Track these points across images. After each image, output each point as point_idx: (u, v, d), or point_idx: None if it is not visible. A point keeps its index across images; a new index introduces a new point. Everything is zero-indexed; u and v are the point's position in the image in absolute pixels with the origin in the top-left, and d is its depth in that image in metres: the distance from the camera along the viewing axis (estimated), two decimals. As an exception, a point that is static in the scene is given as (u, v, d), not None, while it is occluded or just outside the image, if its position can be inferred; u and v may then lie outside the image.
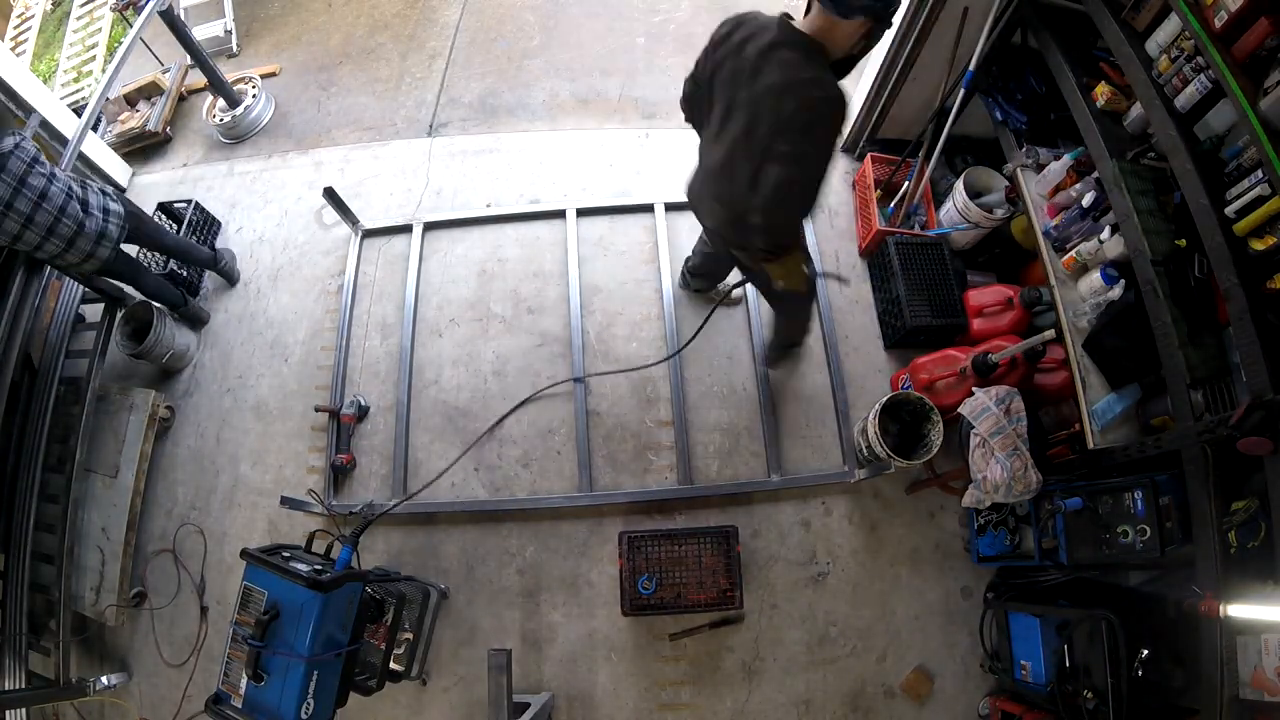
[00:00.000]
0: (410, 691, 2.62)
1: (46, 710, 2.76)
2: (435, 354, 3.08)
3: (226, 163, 3.76)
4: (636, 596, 2.46)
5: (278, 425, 3.04)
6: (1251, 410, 1.61)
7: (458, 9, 4.22)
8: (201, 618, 2.80)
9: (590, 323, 3.06)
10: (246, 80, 3.95)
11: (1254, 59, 1.75)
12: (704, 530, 2.54)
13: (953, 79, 2.74)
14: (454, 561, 2.77)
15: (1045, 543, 2.42)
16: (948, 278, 2.85)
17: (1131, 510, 2.12)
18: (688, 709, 2.60)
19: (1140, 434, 2.22)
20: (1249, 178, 1.78)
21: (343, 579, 1.78)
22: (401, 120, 3.80)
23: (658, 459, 2.85)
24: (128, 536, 2.79)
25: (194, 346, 3.22)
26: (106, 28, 4.72)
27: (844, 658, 2.64)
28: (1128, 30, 2.09)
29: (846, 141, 3.45)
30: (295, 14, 4.46)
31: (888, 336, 3.01)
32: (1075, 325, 2.35)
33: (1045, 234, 2.49)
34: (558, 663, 2.65)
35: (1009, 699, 2.51)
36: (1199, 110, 1.96)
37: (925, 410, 2.47)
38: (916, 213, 3.05)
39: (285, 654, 1.68)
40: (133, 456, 2.87)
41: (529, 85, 3.86)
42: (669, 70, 3.85)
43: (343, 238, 3.35)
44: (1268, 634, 1.69)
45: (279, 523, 2.87)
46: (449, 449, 2.91)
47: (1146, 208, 2.05)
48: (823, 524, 2.76)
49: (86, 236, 2.52)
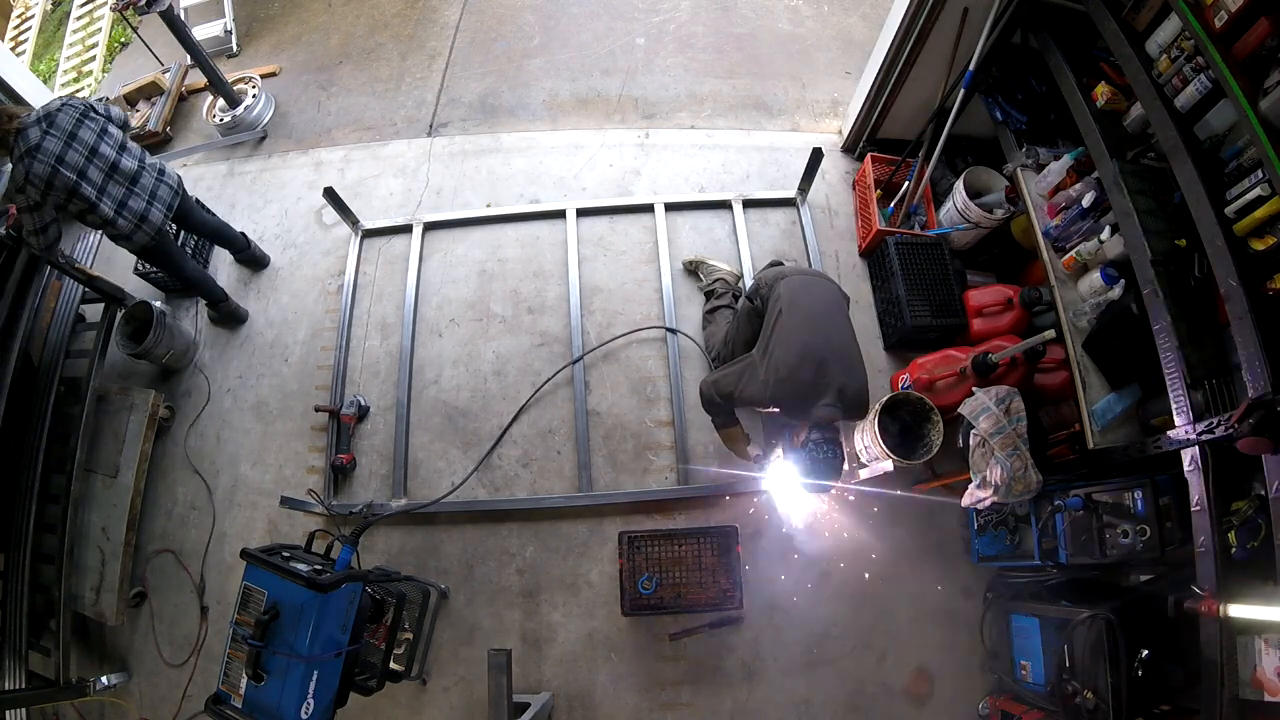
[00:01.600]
0: (410, 691, 2.62)
1: (46, 710, 2.76)
2: (435, 354, 3.08)
3: (226, 163, 3.76)
4: (636, 596, 2.45)
5: (278, 425, 3.04)
6: (1251, 410, 1.61)
7: (458, 9, 4.22)
8: (201, 618, 2.80)
9: (590, 323, 3.06)
10: (246, 80, 3.95)
11: (1254, 59, 1.75)
12: (704, 530, 2.54)
13: (953, 79, 2.74)
14: (454, 561, 2.77)
15: (1045, 543, 2.41)
16: (948, 278, 2.85)
17: (1131, 510, 2.12)
18: (688, 709, 2.60)
19: (1140, 434, 2.22)
20: (1249, 178, 1.78)
21: (343, 579, 1.78)
22: (401, 120, 3.80)
23: (658, 459, 2.85)
24: (128, 536, 2.79)
25: (194, 346, 3.22)
26: (106, 28, 4.72)
27: (844, 658, 2.64)
28: (1128, 30, 2.10)
29: (846, 141, 3.45)
30: (295, 14, 4.46)
31: (888, 336, 3.01)
32: (1075, 325, 2.35)
33: (1045, 234, 2.49)
34: (558, 663, 2.65)
35: (1009, 699, 2.51)
36: (1199, 110, 1.96)
37: (925, 410, 2.47)
38: (916, 213, 3.05)
39: (285, 654, 1.67)
40: (133, 456, 2.87)
41: (529, 85, 3.87)
42: (669, 70, 3.85)
43: (343, 238, 3.35)
44: (1268, 634, 1.69)
45: (279, 523, 2.87)
46: (449, 449, 2.91)
47: (1146, 208, 2.05)
48: (823, 524, 2.76)
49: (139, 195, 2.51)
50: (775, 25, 4.11)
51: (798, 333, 2.15)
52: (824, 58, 3.99)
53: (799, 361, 2.09)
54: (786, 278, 2.32)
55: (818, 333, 2.15)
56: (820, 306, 2.23)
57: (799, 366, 2.08)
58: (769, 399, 2.18)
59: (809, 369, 2.07)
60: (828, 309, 2.23)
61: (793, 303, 2.21)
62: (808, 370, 2.07)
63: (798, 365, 2.09)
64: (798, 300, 2.21)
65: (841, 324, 2.22)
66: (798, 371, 2.08)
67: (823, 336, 2.14)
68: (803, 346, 2.11)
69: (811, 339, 2.13)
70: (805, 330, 2.15)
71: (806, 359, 2.09)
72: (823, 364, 2.08)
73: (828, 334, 2.15)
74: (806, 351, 2.10)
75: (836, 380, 2.07)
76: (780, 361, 2.13)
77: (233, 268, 3.40)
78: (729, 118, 3.70)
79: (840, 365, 2.10)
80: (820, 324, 2.17)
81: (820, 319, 2.19)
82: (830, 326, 2.18)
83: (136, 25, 4.42)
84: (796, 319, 2.18)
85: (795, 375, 2.08)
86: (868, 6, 4.23)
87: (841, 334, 2.19)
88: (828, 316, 2.21)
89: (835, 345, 2.13)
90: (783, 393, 2.11)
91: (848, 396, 2.09)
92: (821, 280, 2.35)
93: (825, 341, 2.13)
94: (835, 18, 4.21)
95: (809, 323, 2.17)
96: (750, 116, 3.71)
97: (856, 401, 2.12)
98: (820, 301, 2.24)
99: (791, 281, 2.29)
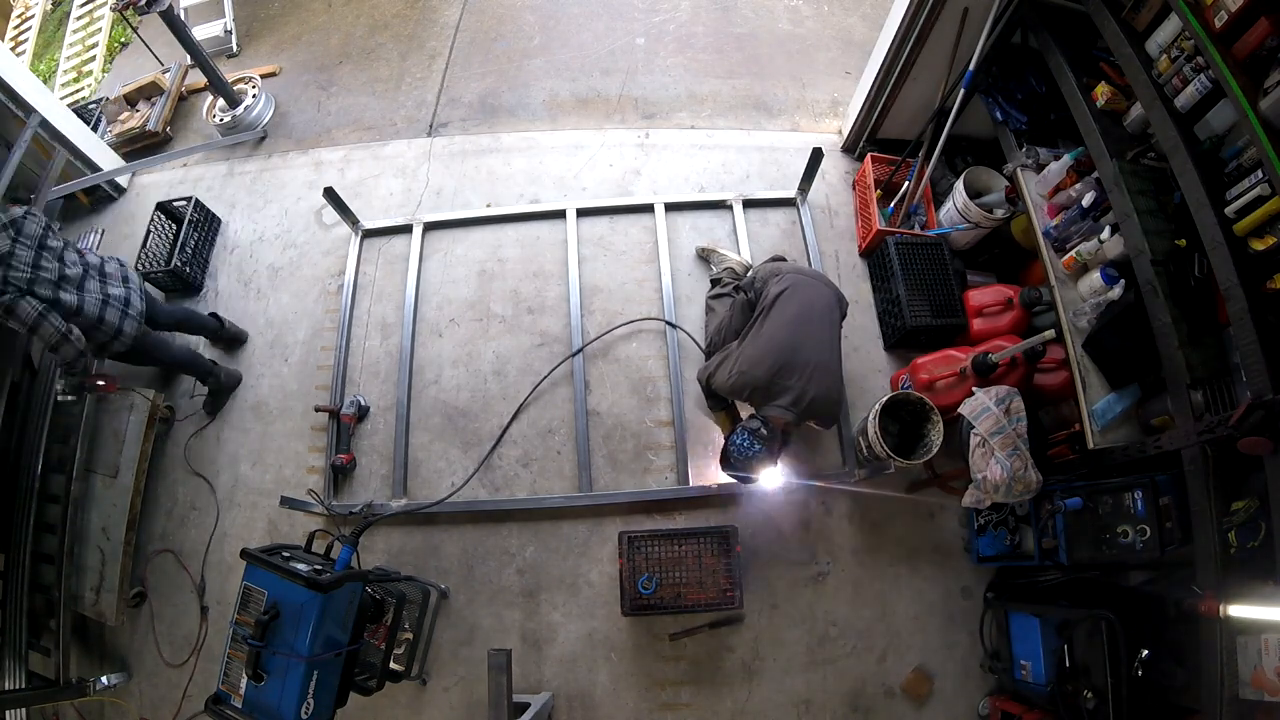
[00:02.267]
0: (410, 691, 2.62)
1: (46, 710, 2.76)
2: (435, 354, 3.08)
3: (226, 163, 3.76)
4: (636, 596, 2.45)
5: (278, 425, 3.04)
6: (1251, 410, 1.62)
7: (458, 9, 4.22)
8: (202, 618, 2.80)
9: (590, 322, 3.06)
10: (246, 80, 3.95)
11: (1254, 59, 1.75)
12: (704, 530, 2.54)
13: (953, 79, 2.74)
14: (454, 561, 2.77)
15: (1045, 543, 2.42)
16: (948, 278, 2.85)
17: (1131, 510, 2.12)
18: (688, 709, 2.60)
19: (1140, 434, 2.22)
20: (1249, 178, 1.78)
21: (343, 579, 1.78)
22: (401, 120, 3.80)
23: (658, 459, 2.85)
24: (128, 536, 2.78)
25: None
26: (106, 28, 4.72)
27: (844, 658, 2.64)
28: (1128, 30, 2.10)
29: (847, 141, 3.45)
30: (295, 14, 4.46)
31: (888, 336, 3.01)
32: (1075, 325, 2.35)
33: (1045, 234, 2.49)
34: (558, 663, 2.65)
35: (1009, 699, 2.51)
36: (1199, 110, 1.96)
37: (925, 410, 2.46)
38: (916, 213, 3.05)
39: (285, 654, 1.68)
40: (133, 456, 2.86)
41: (529, 85, 3.87)
42: (669, 70, 3.85)
43: (343, 238, 3.35)
44: (1268, 634, 1.70)
45: (279, 523, 2.87)
46: (449, 449, 2.91)
47: (1146, 208, 2.05)
48: (823, 524, 2.76)
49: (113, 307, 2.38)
50: (775, 25, 4.11)
51: (773, 333, 2.23)
52: (824, 58, 3.99)
53: (761, 359, 2.18)
54: (780, 275, 2.36)
55: (793, 337, 2.21)
56: (806, 311, 2.27)
57: (759, 363, 2.18)
58: (729, 389, 2.30)
59: (767, 370, 2.16)
60: (812, 315, 2.27)
61: (779, 303, 2.28)
62: (766, 370, 2.16)
63: (759, 362, 2.18)
64: (785, 302, 2.27)
65: (822, 332, 2.26)
66: (757, 368, 2.17)
67: (795, 342, 2.20)
68: (773, 347, 2.19)
69: (784, 341, 2.20)
70: (781, 332, 2.22)
71: (771, 359, 2.17)
72: (784, 368, 2.15)
73: (802, 340, 2.21)
74: (774, 353, 2.18)
75: (795, 386, 2.14)
76: (746, 356, 2.23)
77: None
78: (729, 118, 3.70)
79: (804, 372, 2.16)
80: (799, 329, 2.23)
81: (800, 324, 2.24)
82: (807, 333, 2.23)
83: (136, 25, 4.42)
84: (777, 320, 2.25)
85: (754, 371, 2.18)
86: (868, 6, 4.23)
87: (818, 342, 2.23)
88: (809, 322, 2.25)
89: (805, 353, 2.19)
90: (741, 385, 2.22)
91: (804, 403, 2.16)
92: (817, 284, 2.37)
93: (796, 347, 2.19)
94: (835, 18, 4.21)
95: (787, 326, 2.23)
96: (750, 116, 3.71)
97: (815, 409, 2.19)
98: (807, 307, 2.28)
99: (785, 280, 2.32)
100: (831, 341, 2.28)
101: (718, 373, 2.37)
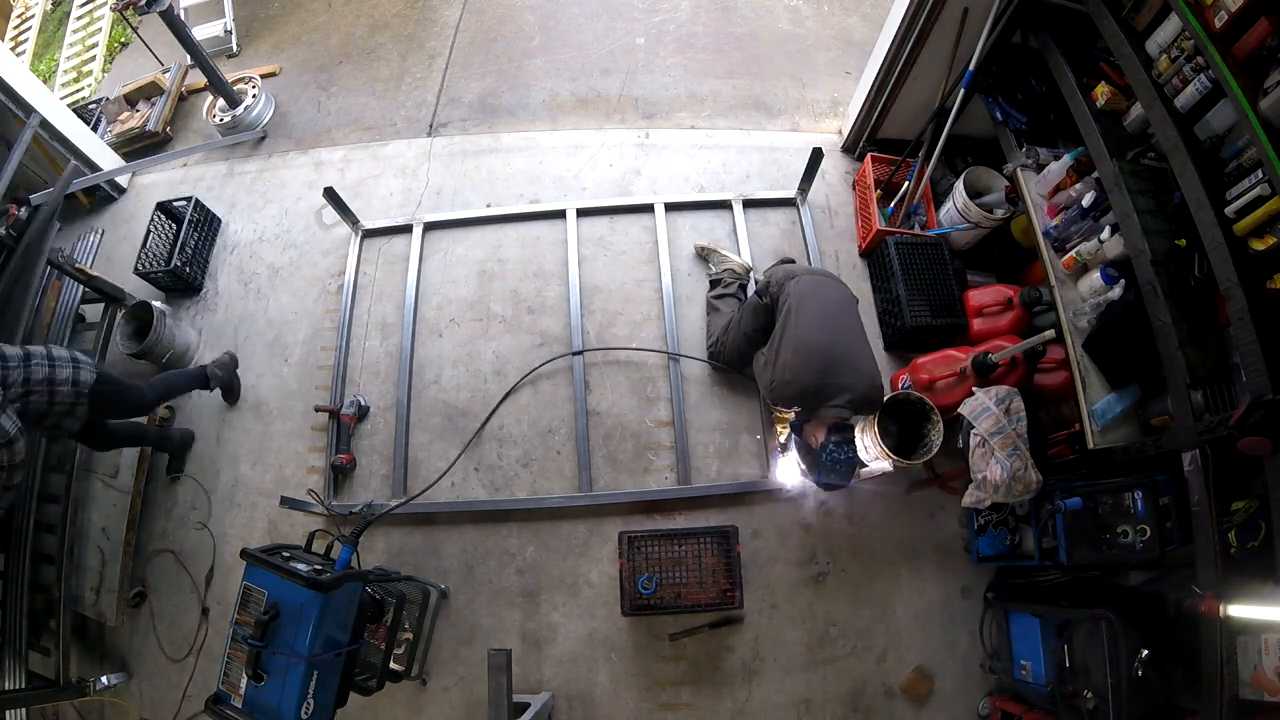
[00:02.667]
0: (410, 691, 2.62)
1: (46, 710, 2.76)
2: (435, 354, 3.08)
3: (226, 163, 3.76)
4: (636, 596, 2.45)
5: (278, 425, 3.04)
6: (1251, 410, 1.61)
7: (458, 9, 4.22)
8: (202, 618, 2.80)
9: (590, 323, 3.06)
10: (246, 80, 3.95)
11: (1254, 59, 1.75)
12: (704, 530, 2.54)
13: (953, 79, 2.74)
14: (454, 561, 2.77)
15: (1045, 543, 2.42)
16: (948, 278, 2.84)
17: (1131, 510, 2.12)
18: (688, 709, 2.60)
19: (1140, 434, 2.22)
20: (1249, 178, 1.78)
21: (343, 579, 1.78)
22: (401, 120, 3.80)
23: (657, 459, 2.85)
24: (127, 536, 2.79)
25: (194, 346, 3.22)
26: (106, 28, 4.72)
27: (844, 658, 2.64)
28: (1128, 30, 2.10)
29: (846, 141, 3.45)
30: (295, 14, 4.46)
31: (888, 336, 3.01)
32: (1075, 325, 2.35)
33: (1045, 234, 2.49)
34: (558, 663, 2.65)
35: (1009, 699, 2.51)
36: (1199, 110, 1.96)
37: (925, 410, 2.46)
38: (916, 213, 3.05)
39: (285, 654, 1.67)
40: (133, 456, 2.87)
41: (529, 85, 3.86)
42: (669, 70, 3.85)
43: (343, 238, 3.35)
44: (1268, 634, 1.70)
45: (279, 523, 2.87)
46: (449, 449, 2.90)
47: (1146, 208, 2.05)
48: (823, 524, 2.76)
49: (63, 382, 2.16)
50: (775, 25, 4.11)
51: (805, 336, 2.17)
52: (824, 58, 3.99)
53: (804, 365, 2.12)
54: (796, 278, 2.33)
55: (824, 335, 2.17)
56: (828, 308, 2.24)
57: (804, 369, 2.11)
58: (781, 400, 2.23)
59: (814, 374, 2.11)
60: (836, 309, 2.25)
61: (800, 304, 2.23)
62: (813, 375, 2.11)
63: (802, 369, 2.12)
64: (805, 302, 2.24)
65: (850, 323, 2.24)
66: (803, 374, 2.11)
67: (829, 339, 2.16)
68: (809, 351, 2.14)
69: (820, 343, 2.15)
70: (813, 333, 2.17)
71: (812, 363, 2.12)
72: (828, 368, 2.11)
73: (835, 336, 2.17)
74: (813, 356, 2.13)
75: (844, 382, 2.10)
76: (786, 364, 2.16)
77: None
78: (729, 118, 3.70)
79: (847, 366, 2.12)
80: (828, 325, 2.19)
81: (828, 320, 2.21)
82: (838, 327, 2.20)
83: (136, 25, 4.42)
84: (804, 322, 2.20)
85: (801, 379, 2.11)
86: (868, 6, 4.23)
87: (850, 334, 2.21)
88: (835, 317, 2.23)
89: (843, 347, 2.15)
90: (795, 394, 2.15)
91: (857, 396, 2.12)
92: (830, 280, 2.37)
93: (832, 344, 2.15)
94: (835, 18, 4.21)
95: (816, 325, 2.19)
96: (750, 116, 3.71)
97: (867, 400, 2.15)
98: (828, 303, 2.25)
99: (801, 282, 2.30)
100: (861, 331, 2.27)
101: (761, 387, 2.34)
